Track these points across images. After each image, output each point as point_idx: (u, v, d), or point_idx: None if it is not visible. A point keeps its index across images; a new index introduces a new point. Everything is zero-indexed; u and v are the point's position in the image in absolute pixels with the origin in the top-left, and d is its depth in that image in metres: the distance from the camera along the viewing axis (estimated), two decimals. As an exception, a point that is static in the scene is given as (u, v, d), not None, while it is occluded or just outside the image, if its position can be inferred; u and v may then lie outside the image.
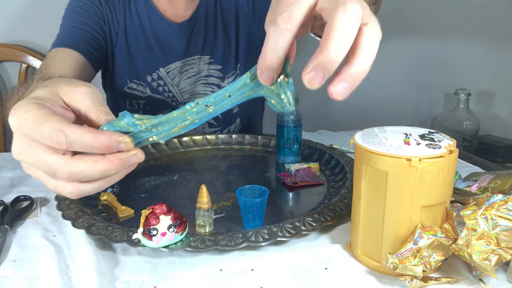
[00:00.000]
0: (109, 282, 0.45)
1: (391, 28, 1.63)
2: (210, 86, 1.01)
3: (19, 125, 0.37)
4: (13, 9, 1.26)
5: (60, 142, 0.35)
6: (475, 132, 1.65)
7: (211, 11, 0.98)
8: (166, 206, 0.47)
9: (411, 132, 0.46)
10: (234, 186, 0.67)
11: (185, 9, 0.95)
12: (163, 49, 0.96)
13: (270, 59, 0.34)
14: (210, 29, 0.98)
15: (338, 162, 0.75)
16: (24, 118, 0.37)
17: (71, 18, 0.90)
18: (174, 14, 0.95)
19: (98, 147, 0.35)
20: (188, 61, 0.98)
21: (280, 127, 0.78)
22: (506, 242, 0.43)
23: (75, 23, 0.89)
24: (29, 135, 0.37)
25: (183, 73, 0.99)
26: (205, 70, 1.00)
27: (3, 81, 1.31)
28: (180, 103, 1.00)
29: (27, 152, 0.38)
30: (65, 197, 0.60)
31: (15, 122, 0.37)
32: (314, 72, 0.33)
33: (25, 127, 0.37)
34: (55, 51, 0.84)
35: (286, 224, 0.52)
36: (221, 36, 0.99)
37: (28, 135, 0.37)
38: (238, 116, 1.07)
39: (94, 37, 0.90)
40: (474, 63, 1.75)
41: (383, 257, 0.44)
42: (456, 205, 0.48)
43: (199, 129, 1.03)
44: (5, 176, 0.76)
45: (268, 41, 0.33)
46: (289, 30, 0.33)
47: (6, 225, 0.56)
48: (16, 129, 0.38)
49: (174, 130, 0.37)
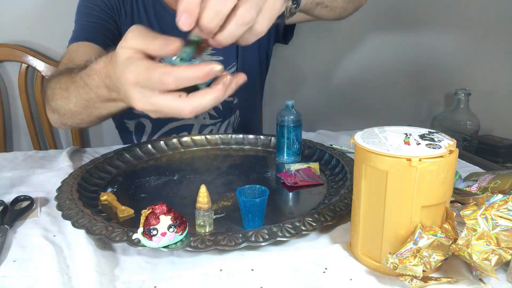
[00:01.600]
0: (109, 282, 0.45)
1: (391, 28, 1.63)
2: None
3: (135, 81, 0.43)
4: (13, 9, 1.26)
5: (168, 82, 0.41)
6: (475, 132, 1.65)
7: None
8: (166, 206, 0.47)
9: (411, 132, 0.46)
10: (234, 186, 0.67)
11: None
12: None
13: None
14: None
15: (338, 162, 0.75)
16: (137, 72, 0.42)
17: (84, 13, 0.93)
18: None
19: (201, 76, 0.42)
20: None
21: (280, 127, 0.78)
22: (506, 242, 0.43)
23: (89, 18, 0.91)
24: (146, 85, 0.42)
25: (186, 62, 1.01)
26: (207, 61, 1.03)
27: (3, 81, 1.30)
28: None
29: (150, 102, 0.43)
30: (66, 197, 0.60)
31: (129, 80, 0.43)
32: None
33: (140, 81, 0.42)
34: (75, 46, 0.86)
35: (286, 224, 0.52)
36: None
37: (145, 86, 0.42)
38: (237, 107, 1.09)
39: (108, 29, 0.92)
40: (474, 63, 1.75)
41: (383, 257, 0.44)
42: (456, 205, 0.47)
43: (200, 120, 1.04)
44: (5, 176, 0.76)
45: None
46: None
47: (6, 225, 0.56)
48: (132, 86, 0.43)
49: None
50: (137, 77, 0.42)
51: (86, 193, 0.64)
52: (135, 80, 0.42)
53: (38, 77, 1.28)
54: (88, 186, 0.67)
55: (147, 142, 0.86)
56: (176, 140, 0.88)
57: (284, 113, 0.78)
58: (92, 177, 0.70)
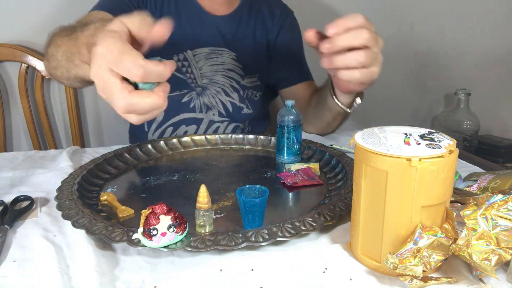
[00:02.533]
0: (109, 282, 0.45)
1: (391, 28, 1.63)
2: (230, 80, 1.06)
3: (104, 54, 0.44)
4: (13, 9, 1.26)
5: (138, 74, 0.43)
6: (475, 132, 1.65)
7: (245, 17, 1.08)
8: (166, 206, 0.47)
9: (411, 132, 0.46)
10: (234, 186, 0.67)
11: (220, 4, 1.05)
12: (195, 33, 1.02)
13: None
14: (240, 32, 1.07)
15: (338, 162, 0.75)
16: (110, 49, 0.43)
17: None
18: (209, 6, 1.04)
19: (166, 76, 0.45)
20: (216, 50, 1.04)
21: (280, 127, 0.78)
22: (506, 242, 0.43)
23: None
24: (110, 63, 0.43)
25: (208, 60, 1.05)
26: (229, 64, 1.06)
27: (3, 81, 1.30)
28: (198, 86, 1.04)
29: (103, 78, 0.44)
30: (66, 197, 0.60)
31: (100, 51, 0.44)
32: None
33: (108, 57, 0.43)
34: (97, 13, 0.90)
35: (286, 224, 0.52)
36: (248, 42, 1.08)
37: (110, 63, 0.43)
38: (249, 117, 1.10)
39: (130, 10, 0.94)
40: (474, 63, 1.75)
41: (383, 257, 0.44)
42: (456, 205, 0.48)
43: (209, 115, 1.06)
44: (5, 176, 0.75)
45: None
46: None
47: (6, 225, 0.56)
48: (100, 56, 0.44)
49: None
50: (107, 51, 0.43)
51: (86, 193, 0.64)
52: (103, 52, 0.44)
53: (38, 77, 1.28)
54: (88, 186, 0.67)
55: (147, 142, 0.86)
56: (176, 140, 0.88)
57: (284, 113, 0.78)
58: (92, 177, 0.70)
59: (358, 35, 0.59)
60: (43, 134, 1.35)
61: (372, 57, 0.62)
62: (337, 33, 0.59)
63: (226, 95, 1.06)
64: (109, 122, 1.44)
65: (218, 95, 1.05)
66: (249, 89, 1.09)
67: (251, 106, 1.09)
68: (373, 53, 0.62)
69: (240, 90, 1.07)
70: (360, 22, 0.60)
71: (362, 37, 0.59)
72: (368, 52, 0.60)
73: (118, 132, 1.42)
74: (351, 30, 0.59)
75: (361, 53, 0.60)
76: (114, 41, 0.43)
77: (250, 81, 1.08)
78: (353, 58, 0.61)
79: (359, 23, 0.60)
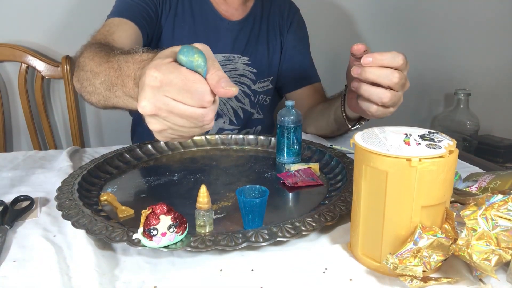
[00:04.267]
0: (109, 282, 0.45)
1: (391, 28, 1.63)
2: (241, 85, 1.06)
3: (163, 80, 0.41)
4: (13, 9, 1.26)
5: (208, 100, 0.42)
6: (475, 132, 1.65)
7: (257, 19, 1.07)
8: (166, 206, 0.47)
9: (411, 132, 0.46)
10: (234, 186, 0.67)
11: (236, 9, 1.03)
12: (209, 38, 1.01)
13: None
14: (253, 35, 1.06)
15: (338, 163, 0.75)
16: (170, 77, 0.41)
17: None
18: (225, 9, 1.03)
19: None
20: (230, 57, 1.04)
21: (280, 127, 0.78)
22: (506, 242, 0.43)
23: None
24: (172, 93, 0.41)
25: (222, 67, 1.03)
26: (241, 70, 1.05)
27: (3, 81, 1.30)
28: None
29: (167, 107, 0.42)
30: (66, 197, 0.60)
31: (159, 77, 0.41)
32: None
33: (170, 85, 0.41)
34: (117, 20, 0.87)
35: (286, 224, 0.52)
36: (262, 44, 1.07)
37: (170, 92, 0.41)
38: (260, 123, 1.10)
39: (148, 13, 0.93)
40: (474, 63, 1.75)
41: (383, 257, 0.44)
42: (456, 205, 0.48)
43: (219, 122, 1.06)
44: (5, 176, 0.76)
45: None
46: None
47: (6, 225, 0.56)
48: (158, 83, 0.41)
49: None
50: (168, 81, 0.41)
51: (86, 193, 0.64)
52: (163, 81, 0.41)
53: (38, 77, 1.28)
54: (88, 186, 0.67)
55: (147, 142, 0.86)
56: (176, 140, 0.88)
57: (284, 113, 0.78)
58: (92, 177, 0.70)
59: (388, 76, 0.61)
60: (43, 134, 1.35)
61: (394, 100, 0.64)
62: (371, 65, 0.61)
63: (237, 101, 1.06)
64: (109, 122, 1.44)
65: (229, 101, 1.05)
66: (260, 94, 1.09)
67: (261, 111, 1.09)
68: (397, 97, 0.64)
69: (251, 95, 1.07)
70: (397, 64, 0.61)
71: (391, 80, 0.61)
72: (392, 95, 0.63)
73: (118, 132, 1.43)
74: (384, 69, 0.61)
75: (387, 94, 0.63)
76: (173, 69, 0.42)
77: (262, 85, 1.09)
78: (376, 95, 0.63)
79: (395, 65, 0.61)
